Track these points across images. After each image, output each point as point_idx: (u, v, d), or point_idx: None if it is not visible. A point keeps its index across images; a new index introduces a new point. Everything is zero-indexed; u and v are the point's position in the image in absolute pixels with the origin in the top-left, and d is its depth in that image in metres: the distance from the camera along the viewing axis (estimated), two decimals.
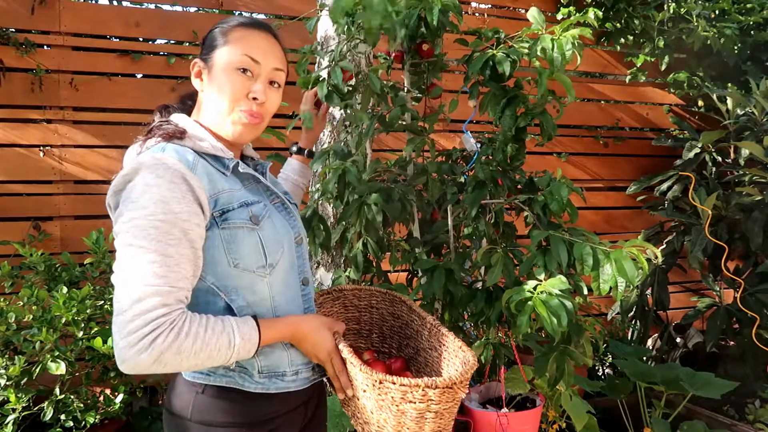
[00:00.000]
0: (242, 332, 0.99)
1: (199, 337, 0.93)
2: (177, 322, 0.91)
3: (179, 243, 0.93)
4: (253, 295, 1.05)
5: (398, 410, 1.03)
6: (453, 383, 1.02)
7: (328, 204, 2.35)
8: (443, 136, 3.43)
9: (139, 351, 0.87)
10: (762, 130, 3.29)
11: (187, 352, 0.91)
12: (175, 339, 0.90)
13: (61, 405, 2.10)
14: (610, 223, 3.91)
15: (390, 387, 1.01)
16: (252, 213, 1.04)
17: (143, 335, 0.88)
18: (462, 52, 1.97)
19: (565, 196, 1.70)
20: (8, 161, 2.70)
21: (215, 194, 1.01)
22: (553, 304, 1.47)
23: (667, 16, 3.54)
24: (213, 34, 1.12)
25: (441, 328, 1.22)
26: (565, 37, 1.68)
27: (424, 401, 1.01)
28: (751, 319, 2.99)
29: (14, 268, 2.31)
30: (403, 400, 1.01)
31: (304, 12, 3.03)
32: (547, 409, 2.28)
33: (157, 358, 0.89)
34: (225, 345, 0.96)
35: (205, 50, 1.11)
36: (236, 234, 1.02)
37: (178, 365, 0.92)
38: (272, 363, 1.08)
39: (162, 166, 0.95)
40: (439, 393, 1.01)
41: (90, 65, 2.83)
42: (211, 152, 1.06)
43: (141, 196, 0.93)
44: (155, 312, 0.89)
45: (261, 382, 1.07)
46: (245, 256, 1.02)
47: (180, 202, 0.94)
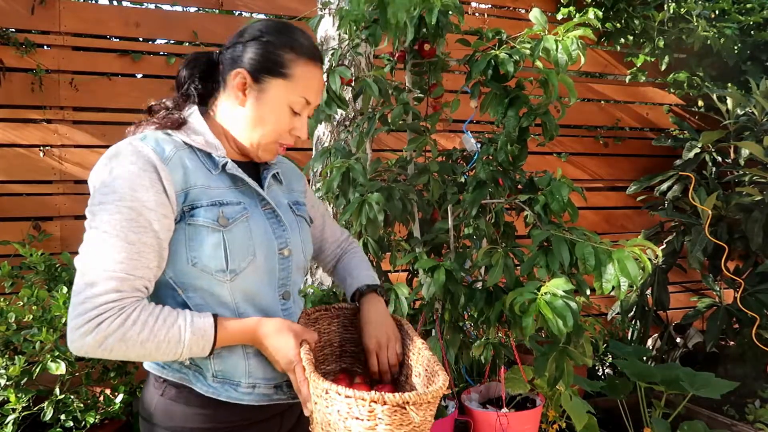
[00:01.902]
0: (195, 327, 0.95)
1: (147, 326, 0.91)
2: (126, 309, 0.90)
3: (144, 232, 0.92)
4: (212, 297, 1.01)
5: (345, 427, 0.91)
6: (405, 402, 0.88)
7: (329, 203, 2.35)
8: (443, 136, 3.43)
9: (84, 333, 0.88)
10: (762, 130, 3.29)
11: (132, 341, 0.90)
12: (121, 325, 0.89)
13: (61, 405, 2.10)
14: (610, 223, 3.91)
15: (336, 398, 0.90)
16: (222, 214, 1.00)
17: (89, 318, 0.88)
18: (463, 52, 1.97)
19: (565, 195, 1.70)
20: (8, 161, 2.70)
21: (186, 188, 0.98)
22: (558, 305, 1.47)
23: (667, 16, 3.54)
24: (275, 53, 1.04)
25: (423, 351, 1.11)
26: (569, 38, 1.68)
27: (372, 418, 0.89)
28: (751, 319, 2.99)
29: (14, 268, 2.31)
30: (349, 414, 0.90)
31: (304, 12, 3.03)
32: (547, 409, 2.28)
33: (102, 343, 0.89)
34: (175, 338, 0.93)
35: (259, 67, 1.04)
36: (199, 232, 0.98)
37: (123, 353, 0.91)
38: (227, 369, 1.03)
39: (136, 154, 0.95)
40: (388, 411, 0.88)
41: (90, 65, 2.83)
42: (202, 148, 1.03)
43: (112, 182, 0.93)
44: (105, 297, 0.89)
45: (213, 387, 1.02)
46: (204, 257, 0.98)
47: (148, 191, 0.93)
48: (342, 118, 2.46)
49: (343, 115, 2.46)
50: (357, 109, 2.39)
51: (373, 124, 1.92)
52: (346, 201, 1.81)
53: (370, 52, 2.51)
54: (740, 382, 2.59)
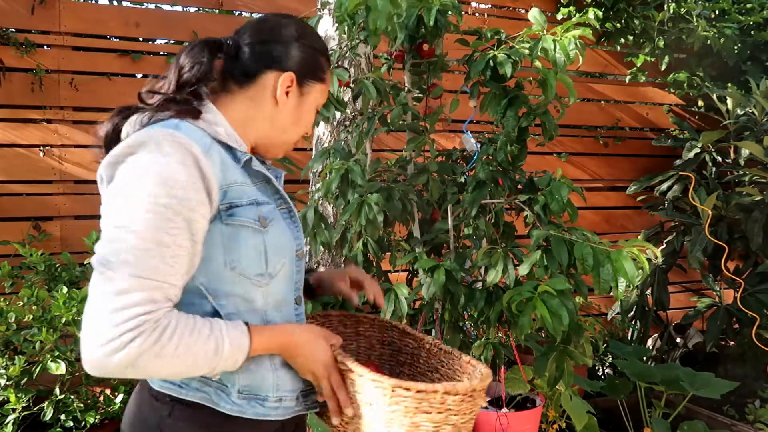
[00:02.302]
0: (231, 337, 0.86)
1: (184, 340, 0.81)
2: (161, 321, 0.79)
3: (179, 233, 0.82)
4: (245, 303, 0.93)
5: (412, 423, 0.91)
6: (474, 390, 0.92)
7: (329, 204, 2.35)
8: (443, 136, 3.43)
9: (113, 350, 0.76)
10: (762, 130, 3.29)
11: (168, 357, 0.80)
12: (157, 341, 0.78)
13: (61, 405, 2.10)
14: (610, 223, 3.91)
15: (404, 395, 0.89)
16: (261, 214, 0.94)
17: (122, 332, 0.76)
18: (462, 52, 1.97)
19: (565, 195, 1.70)
20: (8, 161, 2.70)
21: (226, 185, 0.90)
22: (553, 304, 1.47)
23: (667, 16, 3.54)
24: (319, 60, 1.05)
25: (442, 346, 1.13)
26: (568, 38, 1.69)
27: (442, 411, 0.91)
28: (751, 319, 2.99)
29: (14, 268, 2.31)
30: (417, 410, 0.90)
31: (304, 12, 3.03)
32: (547, 409, 2.28)
33: (134, 361, 0.77)
34: (211, 351, 0.84)
35: (306, 72, 1.03)
36: (239, 233, 0.91)
37: (156, 371, 0.81)
38: (254, 383, 0.94)
39: (173, 143, 0.84)
40: (458, 400, 0.91)
41: (90, 65, 2.83)
42: (225, 140, 0.95)
43: (144, 174, 0.82)
44: (140, 308, 0.78)
45: (238, 404, 0.93)
46: (244, 260, 0.91)
47: (187, 188, 0.83)
48: (342, 119, 2.46)
49: (342, 115, 2.46)
50: (357, 109, 2.39)
51: (373, 125, 1.92)
52: (345, 202, 1.81)
53: (370, 53, 2.51)
54: (740, 382, 2.59)
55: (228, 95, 1.01)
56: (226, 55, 1.00)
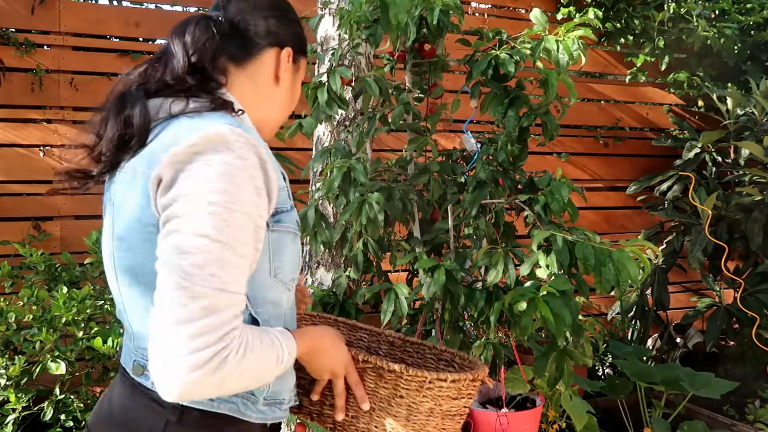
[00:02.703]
0: (288, 345, 0.84)
1: (260, 352, 0.77)
2: (243, 335, 0.75)
3: (249, 243, 0.77)
4: (275, 308, 0.90)
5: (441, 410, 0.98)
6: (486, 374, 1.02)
7: (329, 203, 2.35)
8: (443, 136, 3.43)
9: (206, 374, 0.69)
10: (762, 130, 3.29)
11: (248, 372, 0.75)
12: (243, 357, 0.73)
13: (61, 405, 2.10)
14: (610, 223, 3.91)
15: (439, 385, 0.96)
16: (296, 218, 0.92)
17: (213, 354, 0.70)
18: (463, 52, 1.97)
19: (565, 195, 1.70)
20: (8, 161, 2.70)
21: (280, 189, 0.86)
22: (556, 305, 1.47)
23: (667, 16, 3.54)
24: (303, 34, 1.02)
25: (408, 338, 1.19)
26: (571, 38, 1.69)
27: (465, 396, 1.00)
28: (751, 319, 2.99)
29: (14, 268, 2.31)
30: (449, 397, 0.98)
31: (304, 12, 3.02)
32: (547, 409, 2.28)
33: (222, 381, 0.72)
34: (274, 360, 0.81)
35: (298, 46, 0.99)
36: (284, 239, 0.88)
37: (233, 388, 0.77)
38: (279, 389, 0.93)
39: (245, 144, 0.78)
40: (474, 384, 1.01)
41: (90, 65, 2.83)
42: None
43: (219, 177, 0.74)
44: (228, 326, 0.72)
45: (262, 411, 0.90)
46: (286, 266, 0.89)
47: (258, 194, 0.78)
48: (342, 118, 2.46)
49: (343, 115, 2.46)
50: (357, 109, 2.39)
51: (374, 124, 1.92)
52: (346, 201, 1.81)
53: (371, 52, 2.51)
54: (740, 382, 2.59)
55: (228, 79, 0.92)
56: (221, 33, 0.91)
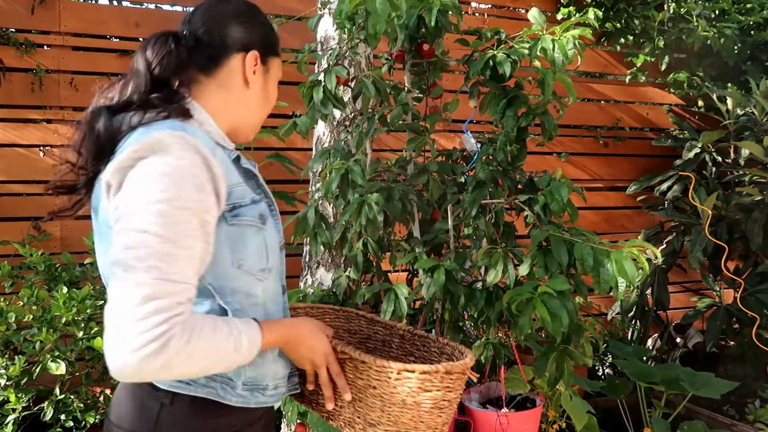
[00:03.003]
0: (247, 334, 0.89)
1: (210, 339, 0.83)
2: (189, 322, 0.81)
3: (195, 235, 0.84)
4: (248, 299, 0.96)
5: (414, 402, 0.99)
6: (468, 367, 1.01)
7: (329, 204, 2.35)
8: (443, 136, 3.43)
9: (148, 355, 0.76)
10: (762, 130, 3.29)
11: (197, 356, 0.82)
12: (188, 341, 0.80)
13: (61, 405, 2.10)
14: (610, 223, 3.91)
15: (409, 377, 0.97)
16: (260, 212, 0.97)
17: (155, 336, 0.76)
18: (462, 52, 1.97)
19: (565, 195, 1.70)
20: (8, 161, 2.70)
21: (231, 186, 0.92)
22: (553, 305, 1.47)
23: (667, 16, 3.54)
24: (272, 35, 1.07)
25: (416, 332, 1.20)
26: (566, 38, 1.68)
27: (441, 389, 0.99)
28: (751, 319, 2.99)
29: (14, 268, 2.31)
30: (421, 389, 0.98)
31: (304, 12, 3.03)
32: (547, 409, 2.28)
33: (167, 363, 0.78)
34: (232, 348, 0.87)
35: (265, 48, 1.05)
36: (245, 232, 0.94)
37: (184, 371, 0.83)
38: (258, 375, 0.99)
39: (185, 146, 0.85)
40: (456, 378, 1.00)
41: (90, 65, 2.83)
42: (215, 139, 0.97)
43: (159, 177, 0.82)
44: (170, 312, 0.78)
45: (242, 395, 0.97)
46: (250, 257, 0.94)
47: (201, 190, 0.85)
48: (342, 119, 2.46)
49: (342, 115, 2.46)
50: (357, 109, 2.39)
51: (373, 125, 1.93)
52: (345, 202, 1.81)
53: (370, 53, 2.51)
54: (740, 382, 2.59)
55: (198, 87, 1.00)
56: (186, 47, 0.98)
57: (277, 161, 2.24)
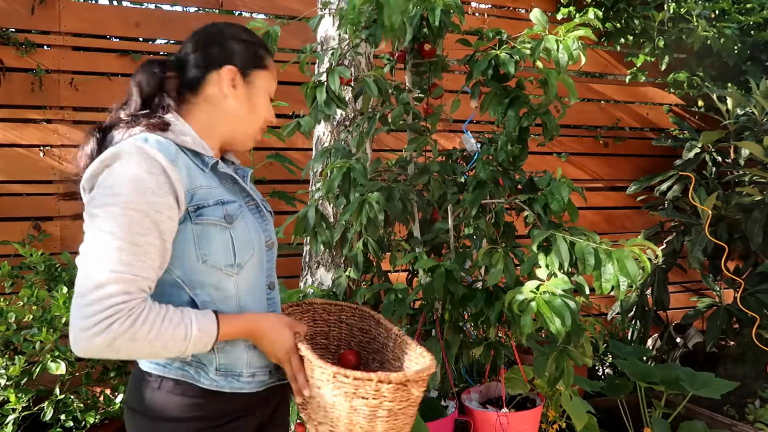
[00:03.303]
0: (200, 324, 0.99)
1: (155, 326, 0.94)
2: (135, 309, 0.92)
3: (149, 233, 0.95)
4: (218, 292, 1.06)
5: (351, 407, 1.01)
6: (407, 380, 1.00)
7: (329, 203, 2.35)
8: (443, 136, 3.43)
9: (93, 335, 0.89)
10: (762, 130, 3.29)
11: (141, 340, 0.93)
12: (131, 326, 0.91)
13: (61, 405, 2.10)
14: (611, 223, 3.91)
15: (344, 381, 1.00)
16: (227, 212, 1.06)
17: (99, 320, 0.89)
18: (463, 52, 1.97)
19: (565, 195, 1.70)
20: (8, 161, 2.70)
21: (193, 189, 1.03)
22: (556, 305, 1.47)
23: (667, 16, 3.54)
24: (254, 49, 1.16)
25: (405, 337, 1.21)
26: (570, 38, 1.68)
27: (377, 397, 1.00)
28: (751, 319, 2.99)
29: (14, 268, 2.31)
30: (355, 395, 1.00)
31: (304, 12, 3.03)
32: (547, 409, 2.28)
33: (111, 343, 0.90)
34: (181, 336, 0.97)
35: (245, 63, 1.14)
36: (208, 230, 1.03)
37: (131, 352, 0.94)
38: (231, 362, 1.08)
39: (142, 155, 0.97)
40: (392, 389, 1.00)
41: (90, 65, 2.83)
42: (192, 148, 1.07)
43: (117, 183, 0.95)
44: (115, 298, 0.91)
45: (215, 380, 1.07)
46: (214, 253, 1.04)
47: (155, 193, 0.96)
48: (342, 118, 2.46)
49: (343, 115, 2.46)
50: (357, 109, 2.39)
51: (373, 124, 1.93)
52: (346, 201, 1.81)
53: (370, 52, 2.51)
54: (740, 382, 2.59)
55: (188, 105, 1.13)
56: (175, 70, 1.12)
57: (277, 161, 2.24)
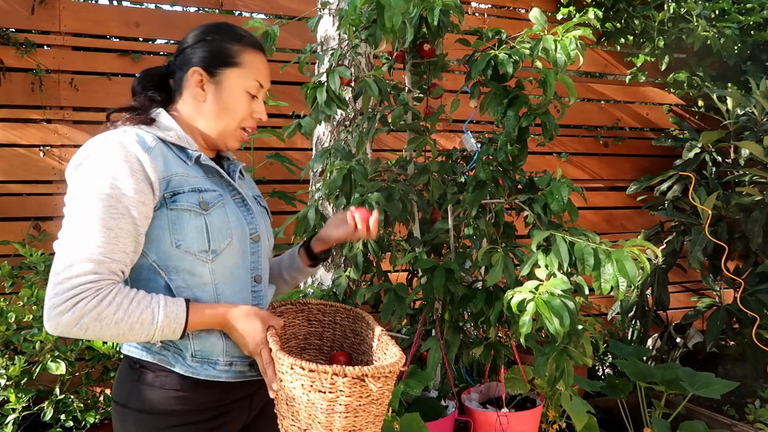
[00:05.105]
0: (168, 310, 1.01)
1: (122, 307, 0.97)
2: (103, 290, 0.95)
3: (122, 218, 0.98)
4: (193, 277, 1.07)
5: (308, 400, 0.99)
6: (364, 375, 0.97)
7: (329, 203, 2.35)
8: (443, 136, 3.43)
9: (60, 312, 0.93)
10: (762, 130, 3.29)
11: (107, 320, 0.95)
12: (97, 305, 0.94)
13: (61, 405, 2.10)
14: (611, 223, 3.91)
15: (300, 373, 0.98)
16: (202, 199, 1.08)
17: (67, 298, 0.93)
18: (463, 52, 1.97)
19: (565, 195, 1.70)
20: (8, 161, 2.70)
21: (168, 176, 1.06)
22: (555, 305, 1.47)
23: (667, 16, 3.54)
24: (222, 48, 1.16)
25: (386, 337, 1.21)
26: (568, 38, 1.68)
27: (333, 391, 0.98)
28: (751, 319, 2.99)
29: (14, 268, 2.31)
30: (312, 388, 0.98)
31: (304, 12, 3.03)
32: (547, 409, 2.28)
33: (78, 322, 0.94)
34: (148, 320, 0.99)
35: (212, 63, 1.15)
36: (182, 216, 1.06)
37: (98, 332, 0.96)
38: (206, 348, 1.09)
39: (118, 145, 1.01)
40: (348, 383, 0.97)
41: (90, 65, 2.83)
42: (176, 143, 1.11)
43: (93, 170, 1.00)
44: (83, 278, 0.94)
45: (192, 366, 1.08)
46: (188, 238, 1.06)
47: (127, 179, 0.99)
48: (342, 119, 2.46)
49: (343, 115, 2.46)
50: (357, 109, 2.39)
51: (373, 125, 1.93)
52: (346, 201, 1.81)
53: (370, 52, 2.51)
54: (740, 382, 2.59)
55: (178, 105, 1.19)
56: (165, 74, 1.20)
57: (277, 161, 2.24)
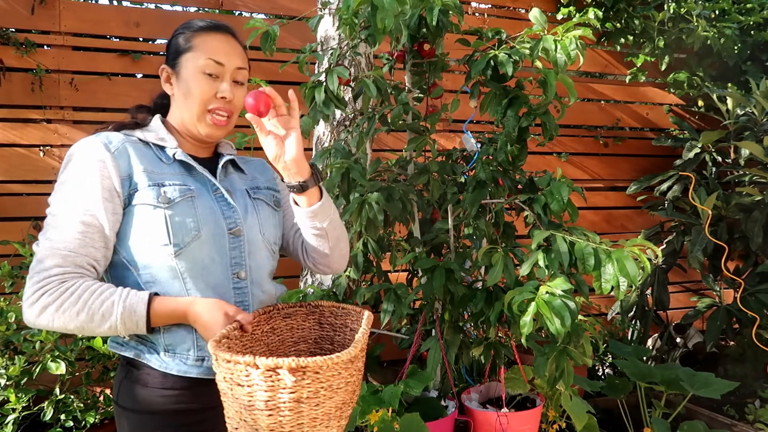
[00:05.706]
0: (127, 303, 1.03)
1: (82, 299, 1.01)
2: (67, 282, 1.01)
3: (85, 214, 1.04)
4: (161, 272, 1.09)
5: (233, 395, 0.93)
6: (277, 366, 0.88)
7: None
8: (443, 136, 3.43)
9: (30, 304, 1.00)
10: (762, 130, 3.29)
11: (68, 312, 1.00)
12: (59, 297, 1.00)
13: (61, 405, 2.10)
14: (611, 223, 3.91)
15: (221, 365, 0.93)
16: (164, 194, 1.10)
17: (35, 290, 1.00)
18: (463, 51, 1.97)
19: (565, 195, 1.70)
20: (8, 161, 2.70)
21: (130, 174, 1.10)
22: (556, 305, 1.47)
23: (667, 16, 3.54)
24: (176, 40, 1.21)
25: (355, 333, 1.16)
26: (568, 38, 1.68)
27: (251, 384, 0.90)
28: (751, 319, 2.99)
29: (14, 268, 2.31)
30: (233, 381, 0.92)
31: (304, 12, 3.03)
32: (547, 409, 2.28)
33: (42, 312, 1.00)
34: (107, 312, 1.02)
35: (171, 56, 1.21)
36: (142, 211, 1.09)
37: (63, 324, 1.01)
38: (175, 341, 1.11)
39: (87, 147, 1.08)
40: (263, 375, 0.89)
41: (90, 65, 2.83)
42: (157, 142, 1.16)
43: (64, 173, 1.08)
44: (50, 271, 1.00)
45: (165, 361, 1.10)
46: (149, 233, 1.08)
47: (94, 178, 1.05)
48: (342, 118, 2.46)
49: (343, 115, 2.46)
50: (357, 109, 2.39)
51: (373, 124, 1.93)
52: (346, 201, 1.81)
53: (370, 52, 2.51)
54: (740, 382, 2.58)
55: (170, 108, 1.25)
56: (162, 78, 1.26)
57: None
